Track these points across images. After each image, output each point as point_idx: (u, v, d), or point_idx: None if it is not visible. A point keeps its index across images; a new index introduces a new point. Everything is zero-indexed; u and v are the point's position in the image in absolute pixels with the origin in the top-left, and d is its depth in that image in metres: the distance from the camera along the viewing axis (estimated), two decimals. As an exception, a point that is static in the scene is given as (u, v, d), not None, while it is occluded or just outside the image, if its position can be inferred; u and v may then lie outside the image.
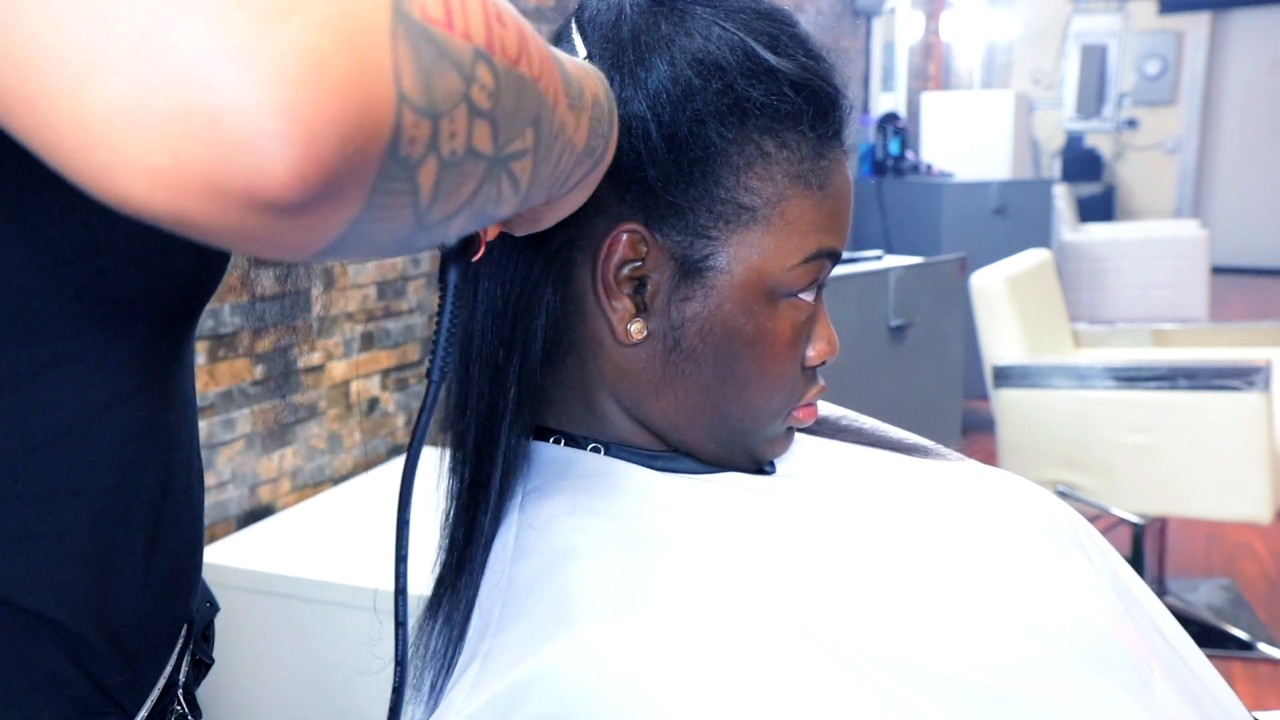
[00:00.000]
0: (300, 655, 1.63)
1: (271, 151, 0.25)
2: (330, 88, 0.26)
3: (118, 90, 0.24)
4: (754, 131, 0.56)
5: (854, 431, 0.74)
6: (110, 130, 0.24)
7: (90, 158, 0.25)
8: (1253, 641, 2.42)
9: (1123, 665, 0.57)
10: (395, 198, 0.30)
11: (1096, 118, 8.23)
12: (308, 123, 0.25)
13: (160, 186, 0.25)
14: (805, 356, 0.61)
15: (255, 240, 0.27)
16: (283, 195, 0.26)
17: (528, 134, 0.37)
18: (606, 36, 0.57)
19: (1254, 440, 2.24)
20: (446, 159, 0.31)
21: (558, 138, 0.40)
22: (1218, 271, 6.61)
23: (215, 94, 0.24)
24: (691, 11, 0.57)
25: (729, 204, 0.56)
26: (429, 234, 0.34)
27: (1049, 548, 0.63)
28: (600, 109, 0.46)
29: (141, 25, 0.24)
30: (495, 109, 0.33)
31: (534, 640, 0.53)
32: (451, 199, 0.33)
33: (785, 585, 0.54)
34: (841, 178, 0.59)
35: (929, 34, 5.92)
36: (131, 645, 0.52)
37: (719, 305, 0.57)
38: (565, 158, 0.42)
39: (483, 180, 0.34)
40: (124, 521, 0.51)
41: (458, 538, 0.60)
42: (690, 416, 0.60)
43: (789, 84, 0.56)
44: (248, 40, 0.25)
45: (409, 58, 0.29)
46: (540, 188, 0.41)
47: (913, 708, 0.51)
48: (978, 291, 2.69)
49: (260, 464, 1.88)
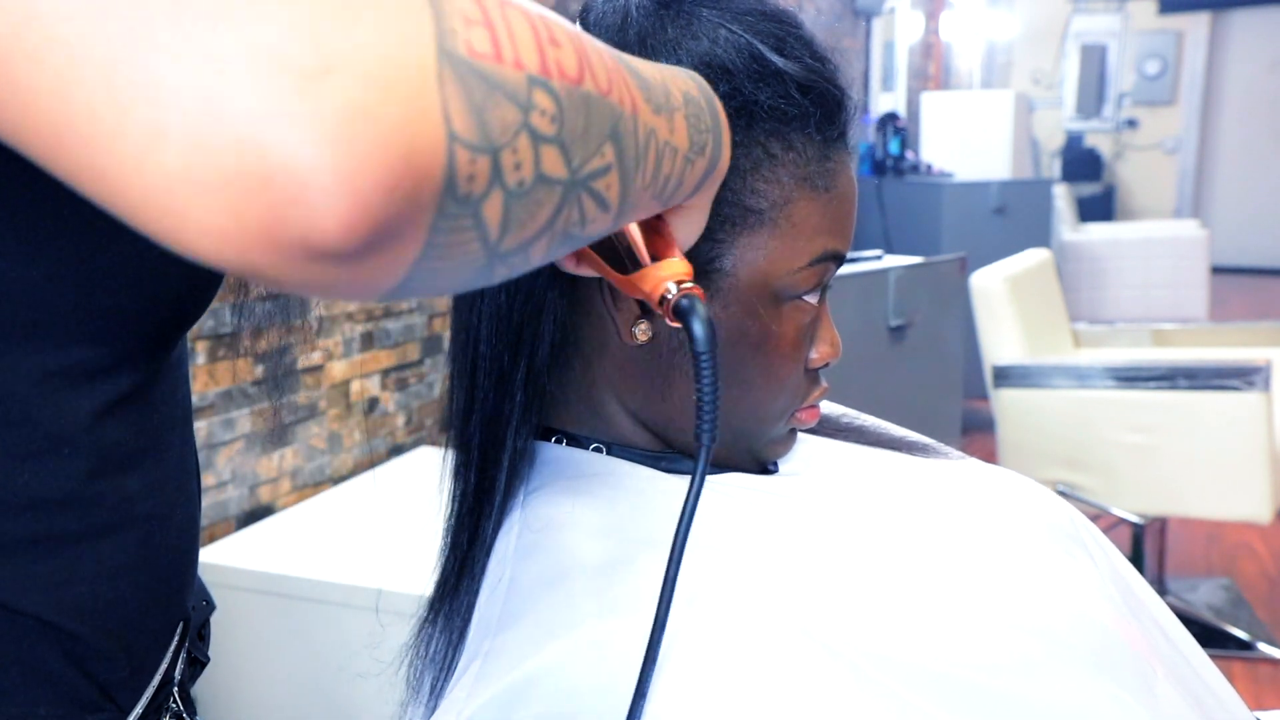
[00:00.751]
0: (300, 655, 1.63)
1: (320, 206, 0.26)
2: (373, 139, 0.27)
3: (176, 159, 0.26)
4: (761, 134, 0.56)
5: (855, 430, 0.74)
6: (173, 197, 0.26)
7: (162, 222, 0.27)
8: (1252, 641, 2.42)
9: (1125, 665, 0.57)
10: (459, 234, 0.31)
11: (1096, 118, 8.24)
12: (352, 176, 0.26)
13: (227, 245, 0.27)
14: (808, 358, 0.61)
15: (323, 286, 0.29)
16: (336, 245, 0.27)
17: (607, 150, 0.37)
18: (612, 40, 0.56)
19: (1254, 440, 2.24)
20: (514, 189, 0.32)
21: (649, 145, 0.40)
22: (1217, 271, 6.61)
23: (265, 156, 0.26)
24: (697, 14, 0.56)
25: (735, 206, 0.56)
26: (506, 262, 0.34)
27: (1051, 546, 0.63)
28: (695, 105, 0.45)
29: (191, 95, 0.26)
30: (561, 132, 0.33)
31: (535, 640, 0.53)
32: (526, 228, 0.33)
33: (787, 585, 0.54)
34: (846, 180, 0.59)
35: (929, 34, 5.92)
36: (128, 643, 0.52)
37: (724, 308, 0.57)
38: (667, 162, 0.42)
39: (560, 204, 0.35)
40: (119, 526, 0.51)
41: (460, 542, 0.60)
42: (693, 417, 0.60)
43: (796, 86, 0.56)
44: (291, 102, 0.26)
45: (458, 96, 0.29)
46: (641, 198, 0.41)
47: (915, 708, 0.51)
48: (977, 291, 2.69)
49: (260, 464, 1.88)
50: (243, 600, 1.64)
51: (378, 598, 1.52)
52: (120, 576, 0.51)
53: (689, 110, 0.44)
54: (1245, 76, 8.23)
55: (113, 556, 0.51)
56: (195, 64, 0.26)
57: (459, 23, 0.30)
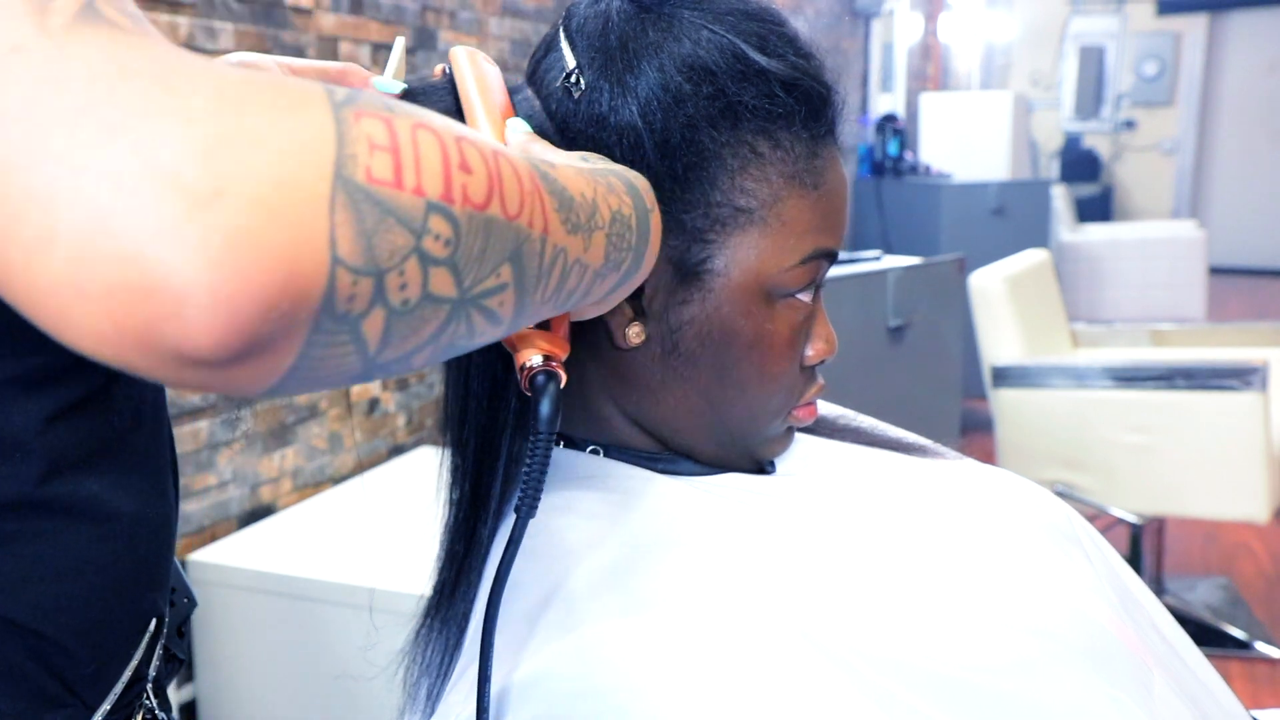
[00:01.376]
0: (301, 655, 1.63)
1: (195, 322, 0.28)
2: (254, 262, 0.28)
3: (62, 265, 0.27)
4: (747, 133, 0.56)
5: (853, 431, 0.74)
6: (58, 300, 0.28)
7: (48, 318, 0.29)
8: (1250, 641, 2.42)
9: (1121, 665, 0.57)
10: (335, 348, 0.32)
11: (1094, 118, 8.23)
12: (230, 297, 0.28)
13: (106, 346, 0.28)
14: (804, 356, 0.61)
15: (197, 386, 0.30)
16: (209, 357, 0.28)
17: (504, 270, 0.38)
18: (594, 45, 0.56)
19: (1252, 440, 2.24)
20: (397, 308, 0.33)
21: (555, 263, 0.41)
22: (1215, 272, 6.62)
23: (146, 272, 0.27)
24: (679, 16, 0.56)
25: (725, 207, 0.56)
26: (384, 370, 0.35)
27: (1048, 547, 0.63)
28: (623, 224, 0.47)
29: (83, 206, 0.27)
30: (455, 254, 0.34)
31: (532, 642, 0.53)
32: (408, 341, 0.35)
33: (784, 587, 0.55)
34: (836, 176, 0.59)
35: (927, 35, 5.92)
36: (93, 641, 0.53)
37: (717, 308, 0.57)
38: (574, 278, 0.44)
39: (447, 320, 0.36)
40: (77, 526, 0.51)
41: (457, 549, 0.60)
42: (690, 419, 0.60)
43: (780, 84, 0.56)
44: (178, 224, 0.27)
45: (348, 222, 0.30)
46: (539, 310, 0.42)
47: (912, 708, 0.51)
48: (976, 292, 2.70)
49: (261, 464, 1.89)
50: (243, 600, 1.65)
51: (371, 597, 1.52)
52: (83, 575, 0.52)
53: (613, 229, 0.46)
54: (1243, 78, 8.23)
55: (73, 555, 0.51)
56: (90, 177, 0.27)
57: (362, 148, 0.31)
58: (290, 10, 1.89)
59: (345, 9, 2.02)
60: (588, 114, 0.55)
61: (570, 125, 0.56)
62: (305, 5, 1.92)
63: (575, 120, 0.56)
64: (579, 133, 0.56)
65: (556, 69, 0.57)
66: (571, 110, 0.56)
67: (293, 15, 1.90)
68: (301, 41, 1.93)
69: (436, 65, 0.60)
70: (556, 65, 0.57)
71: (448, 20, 2.33)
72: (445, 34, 2.33)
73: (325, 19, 1.98)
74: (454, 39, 2.36)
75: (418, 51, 2.25)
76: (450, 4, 2.34)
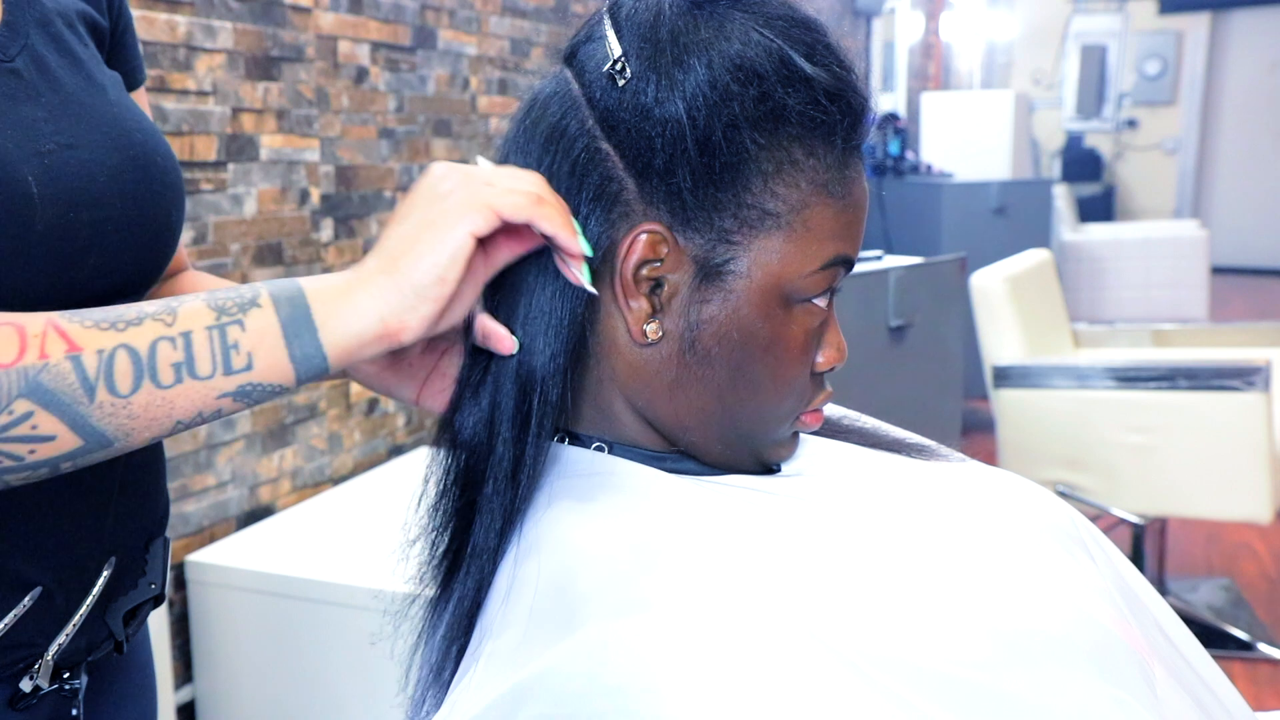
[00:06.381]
0: (300, 655, 1.63)
1: None
2: None
3: None
4: (785, 139, 0.56)
5: (855, 432, 0.74)
6: None
7: None
8: (1252, 641, 2.42)
9: (1126, 665, 0.56)
10: None
11: (1096, 118, 8.23)
12: None
13: None
14: (815, 362, 0.61)
15: None
16: None
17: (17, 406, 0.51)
18: (644, 36, 0.57)
19: (1254, 440, 2.24)
20: None
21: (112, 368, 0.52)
22: (1217, 272, 6.61)
23: None
24: (730, 16, 0.57)
25: (754, 209, 0.57)
26: None
27: (1052, 548, 0.63)
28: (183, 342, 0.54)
29: None
30: None
31: (537, 642, 0.53)
32: None
33: (790, 587, 0.54)
34: (860, 188, 0.60)
35: (929, 34, 5.92)
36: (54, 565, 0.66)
37: (736, 309, 0.58)
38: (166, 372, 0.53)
39: None
40: None
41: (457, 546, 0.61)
42: (700, 418, 0.60)
43: (824, 93, 0.56)
44: None
45: None
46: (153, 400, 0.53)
47: (917, 709, 0.51)
48: (977, 292, 2.69)
49: (260, 464, 1.88)
50: (243, 600, 1.64)
51: (371, 598, 1.52)
52: (45, 506, 0.65)
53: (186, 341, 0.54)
54: (1245, 77, 8.23)
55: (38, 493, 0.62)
56: None
57: None
58: (289, 9, 1.89)
59: (344, 8, 2.02)
60: (633, 104, 0.56)
61: (614, 113, 0.57)
62: (304, 4, 1.92)
63: (619, 109, 0.57)
64: (621, 121, 0.57)
65: (601, 54, 0.58)
66: (616, 99, 0.57)
67: (291, 14, 1.90)
68: (300, 40, 1.92)
69: None
70: (600, 51, 0.58)
71: (447, 19, 2.33)
72: (445, 33, 2.32)
73: (324, 18, 1.97)
74: (453, 38, 2.36)
75: (417, 51, 2.24)
76: (450, 3, 2.33)
